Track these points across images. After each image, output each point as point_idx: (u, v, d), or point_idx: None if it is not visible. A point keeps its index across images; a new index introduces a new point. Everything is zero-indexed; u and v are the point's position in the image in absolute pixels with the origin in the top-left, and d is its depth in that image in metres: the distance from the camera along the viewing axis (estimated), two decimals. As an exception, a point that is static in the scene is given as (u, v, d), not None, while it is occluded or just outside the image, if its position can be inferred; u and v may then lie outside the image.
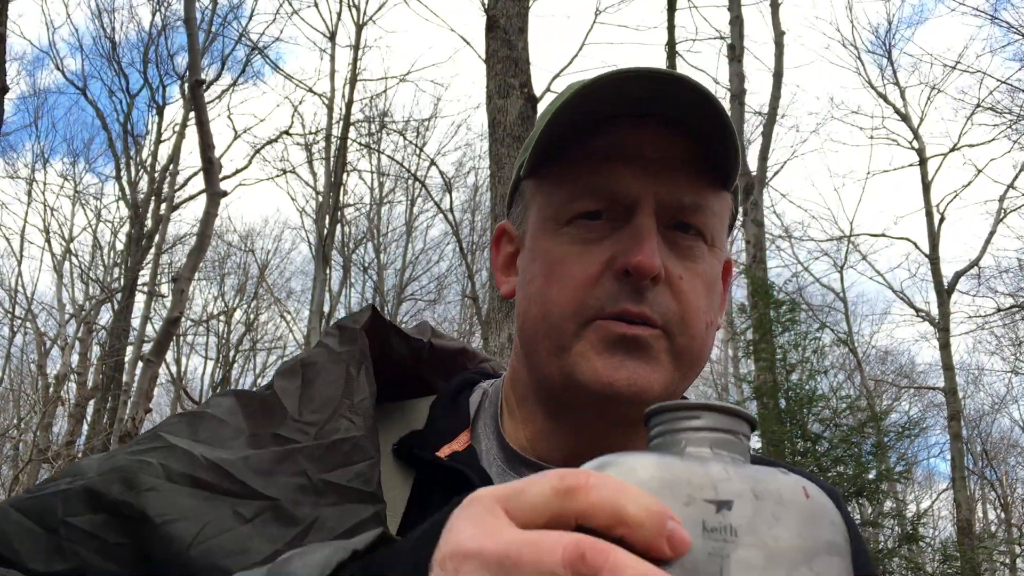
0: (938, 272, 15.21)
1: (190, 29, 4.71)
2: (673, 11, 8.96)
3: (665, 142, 0.72)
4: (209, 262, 19.40)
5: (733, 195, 0.79)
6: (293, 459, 0.68)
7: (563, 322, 0.72)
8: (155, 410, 18.88)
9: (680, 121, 0.71)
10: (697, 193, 0.73)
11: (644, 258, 0.69)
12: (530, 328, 0.75)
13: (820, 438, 8.28)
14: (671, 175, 0.72)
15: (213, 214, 4.52)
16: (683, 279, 0.72)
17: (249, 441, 0.69)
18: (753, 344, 8.74)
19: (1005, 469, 22.21)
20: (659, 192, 0.72)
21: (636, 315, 0.70)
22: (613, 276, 0.71)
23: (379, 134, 16.39)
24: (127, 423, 4.17)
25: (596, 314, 0.71)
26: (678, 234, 0.73)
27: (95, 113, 17.84)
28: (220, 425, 0.70)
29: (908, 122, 17.02)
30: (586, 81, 0.71)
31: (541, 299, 0.73)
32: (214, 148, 4.38)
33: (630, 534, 0.35)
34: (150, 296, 13.41)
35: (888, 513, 9.67)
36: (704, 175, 0.73)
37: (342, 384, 0.73)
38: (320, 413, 0.71)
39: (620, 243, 0.71)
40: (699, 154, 0.73)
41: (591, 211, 0.73)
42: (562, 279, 0.72)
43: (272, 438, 0.69)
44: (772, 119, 11.25)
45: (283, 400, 0.72)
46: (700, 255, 0.74)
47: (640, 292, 0.70)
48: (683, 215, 0.73)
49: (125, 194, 17.54)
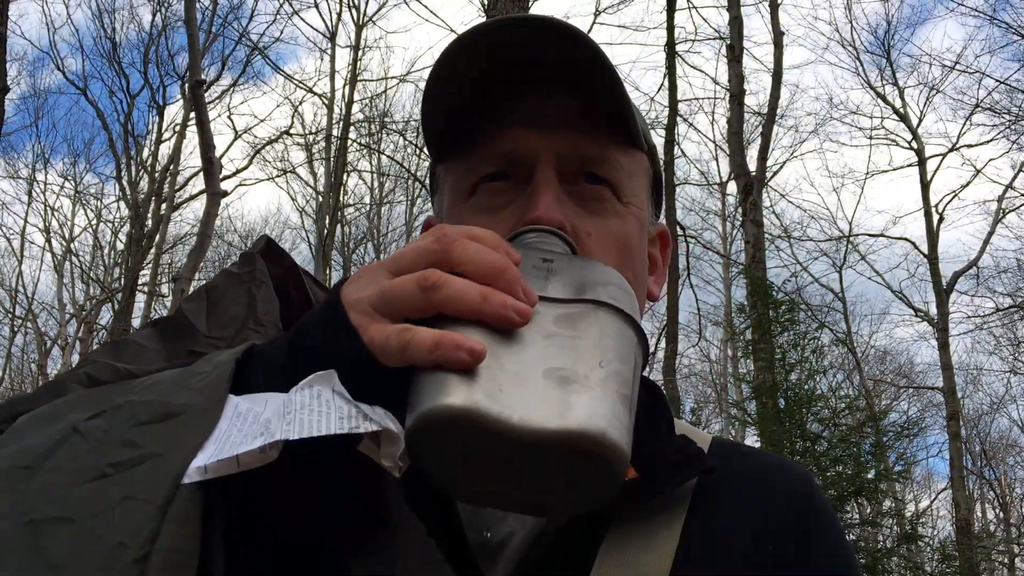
0: (937, 272, 15.24)
1: (190, 29, 4.73)
2: (672, 11, 8.99)
3: (563, 102, 0.72)
4: (209, 262, 19.39)
5: (650, 156, 0.78)
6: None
7: None
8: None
9: (575, 83, 0.70)
10: (599, 147, 0.72)
11: (542, 212, 0.67)
12: None
13: (819, 438, 8.29)
14: (570, 132, 0.71)
15: (213, 214, 4.54)
16: (591, 236, 0.71)
17: (165, 360, 0.70)
18: (752, 344, 8.75)
19: (1004, 469, 22.25)
20: (558, 147, 0.71)
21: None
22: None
23: (379, 134, 16.41)
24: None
25: None
26: (584, 186, 0.72)
27: (96, 113, 17.99)
28: (140, 349, 0.72)
29: (907, 122, 17.06)
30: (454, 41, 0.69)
31: None
32: (214, 148, 4.40)
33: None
34: (150, 296, 13.43)
35: (887, 513, 9.68)
36: (606, 132, 0.72)
37: (245, 301, 0.76)
38: (228, 328, 0.74)
39: (522, 202, 0.70)
40: (599, 113, 0.72)
41: (492, 172, 0.72)
42: None
43: (187, 355, 0.70)
44: (771, 119, 11.26)
45: (192, 320, 0.75)
46: (611, 210, 0.73)
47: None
48: (588, 166, 0.72)
49: (126, 194, 17.57)
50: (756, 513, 0.74)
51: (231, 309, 0.75)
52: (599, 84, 0.69)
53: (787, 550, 0.72)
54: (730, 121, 10.31)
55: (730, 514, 0.73)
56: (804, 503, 0.77)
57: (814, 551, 0.74)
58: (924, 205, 15.76)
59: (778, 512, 0.75)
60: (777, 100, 11.28)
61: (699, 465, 0.72)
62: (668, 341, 8.94)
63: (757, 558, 0.71)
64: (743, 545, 0.72)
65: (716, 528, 0.72)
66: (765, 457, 0.83)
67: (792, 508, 0.75)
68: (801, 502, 0.77)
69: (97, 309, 17.12)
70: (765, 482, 0.77)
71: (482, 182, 0.73)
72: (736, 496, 0.75)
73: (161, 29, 17.59)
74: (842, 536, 0.78)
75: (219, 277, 0.79)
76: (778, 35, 11.54)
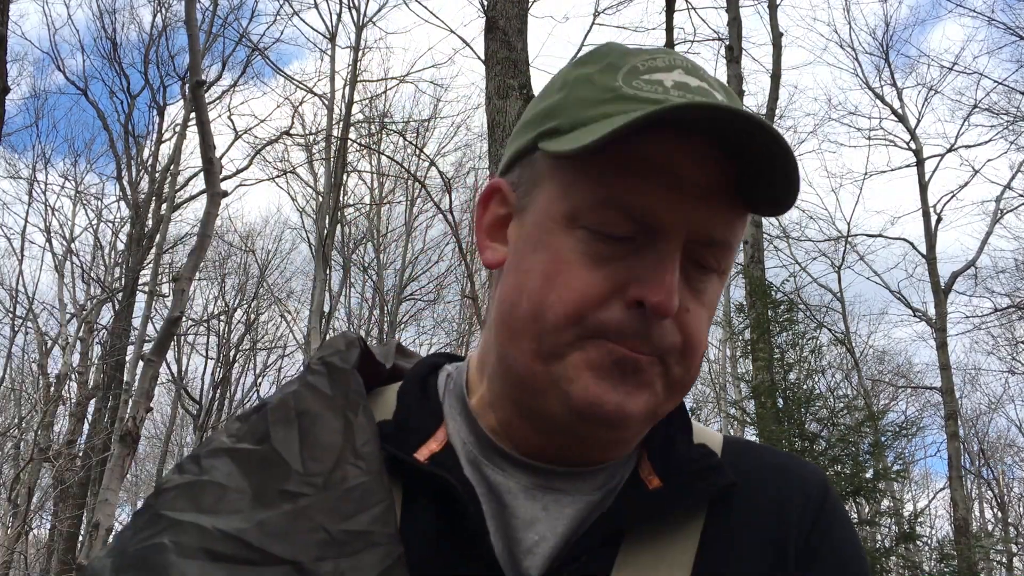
0: (935, 272, 15.24)
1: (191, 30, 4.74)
2: (671, 12, 9.00)
3: (711, 165, 0.65)
4: (210, 262, 19.44)
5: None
6: (307, 515, 0.64)
7: (556, 331, 0.66)
8: (156, 409, 18.89)
9: (728, 141, 0.65)
10: (728, 226, 0.68)
11: (664, 299, 0.64)
12: (515, 323, 0.69)
13: (818, 437, 8.30)
14: (708, 205, 0.66)
15: (213, 214, 4.55)
16: (690, 312, 0.68)
17: (256, 502, 0.65)
18: (751, 344, 8.77)
19: (1001, 468, 22.27)
20: (691, 223, 0.66)
21: (643, 350, 0.66)
22: (623, 303, 0.66)
23: (379, 135, 16.43)
24: (128, 422, 4.20)
25: (601, 333, 0.66)
26: (698, 270, 0.68)
27: (96, 113, 18.06)
28: (221, 490, 0.66)
29: (905, 123, 17.06)
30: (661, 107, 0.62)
31: (536, 298, 0.67)
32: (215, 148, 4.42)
33: None
34: (151, 296, 13.43)
35: (885, 512, 9.69)
36: (739, 201, 0.68)
37: (341, 430, 0.70)
38: (324, 463, 0.67)
39: (639, 269, 0.66)
40: (741, 178, 0.66)
41: (616, 235, 0.66)
42: (565, 286, 0.66)
43: (279, 495, 0.65)
44: (770, 120, 11.28)
45: (283, 454, 0.68)
46: (711, 287, 0.70)
47: (648, 326, 0.66)
48: (709, 252, 0.68)
49: (126, 194, 17.58)
50: (772, 522, 0.74)
51: (326, 438, 0.69)
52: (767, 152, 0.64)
53: (802, 559, 0.73)
54: (729, 122, 10.31)
55: (747, 524, 0.74)
56: (818, 507, 0.77)
57: (828, 560, 0.74)
58: (922, 205, 15.77)
59: (794, 521, 0.75)
60: (776, 101, 11.30)
61: (720, 479, 0.73)
62: (667, 341, 8.94)
63: (772, 567, 0.72)
64: (760, 556, 0.72)
65: (733, 539, 0.72)
66: (777, 458, 0.82)
67: (807, 516, 0.76)
68: (816, 506, 0.77)
69: (97, 309, 17.12)
70: (780, 489, 0.77)
71: (599, 232, 0.66)
72: (752, 504, 0.75)
73: (161, 29, 17.63)
74: (857, 542, 0.78)
75: (309, 396, 0.72)
76: (777, 36, 11.57)
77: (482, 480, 0.73)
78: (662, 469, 0.74)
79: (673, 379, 0.69)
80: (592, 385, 0.66)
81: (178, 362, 19.66)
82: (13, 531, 11.86)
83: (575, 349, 0.66)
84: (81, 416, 15.11)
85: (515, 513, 0.71)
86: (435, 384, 0.80)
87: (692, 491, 0.72)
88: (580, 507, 0.72)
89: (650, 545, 0.70)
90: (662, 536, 0.70)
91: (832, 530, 0.76)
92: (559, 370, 0.67)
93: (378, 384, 0.82)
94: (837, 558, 0.75)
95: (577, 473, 0.73)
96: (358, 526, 0.65)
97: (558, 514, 0.71)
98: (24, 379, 18.85)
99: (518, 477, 0.73)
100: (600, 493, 0.73)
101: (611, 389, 0.66)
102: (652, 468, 0.75)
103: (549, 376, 0.67)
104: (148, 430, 22.27)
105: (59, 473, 13.65)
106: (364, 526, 0.65)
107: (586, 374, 0.66)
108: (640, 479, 0.74)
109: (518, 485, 0.72)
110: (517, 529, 0.70)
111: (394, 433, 0.74)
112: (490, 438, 0.74)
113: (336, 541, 0.64)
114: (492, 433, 0.74)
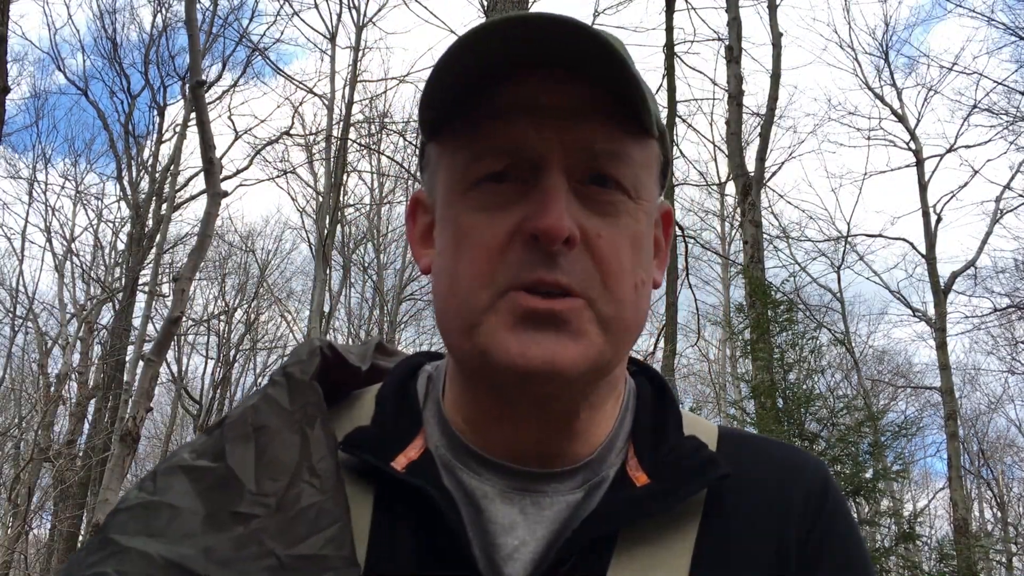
0: (935, 272, 15.25)
1: (191, 30, 4.75)
2: (671, 13, 9.01)
3: (569, 90, 0.66)
4: (210, 262, 19.44)
5: (660, 140, 0.72)
6: (256, 540, 0.62)
7: (472, 296, 0.65)
8: (156, 409, 18.90)
9: (581, 68, 0.65)
10: (611, 140, 0.66)
11: (551, 221, 0.63)
12: (441, 304, 0.69)
13: (817, 437, 8.31)
14: (579, 124, 0.66)
15: (214, 214, 4.56)
16: (602, 238, 0.66)
17: (207, 525, 0.63)
18: (751, 344, 8.77)
19: (1001, 468, 22.27)
20: (566, 143, 0.65)
21: (551, 284, 0.64)
22: (522, 243, 0.64)
23: (379, 135, 16.44)
24: (128, 422, 4.21)
25: (509, 285, 0.64)
26: (595, 189, 0.67)
27: (96, 113, 18.03)
28: (174, 512, 0.64)
29: (905, 123, 17.06)
30: (470, 32, 0.64)
31: (450, 272, 0.67)
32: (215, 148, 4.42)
33: None
34: (151, 296, 13.44)
35: (885, 512, 9.68)
36: (617, 121, 0.67)
37: (299, 446, 0.68)
38: (279, 482, 0.65)
39: (527, 206, 0.65)
40: (610, 100, 0.66)
41: (495, 171, 0.66)
42: (470, 249, 0.66)
43: (232, 516, 0.63)
44: (770, 120, 11.28)
45: (238, 472, 0.66)
46: (623, 210, 0.68)
47: (552, 258, 0.64)
48: (598, 166, 0.66)
49: (126, 194, 17.59)
50: (772, 519, 0.72)
51: (281, 455, 0.67)
52: (608, 69, 0.64)
53: (803, 556, 0.71)
54: (729, 122, 10.32)
55: (745, 521, 0.71)
56: (820, 503, 0.75)
57: (830, 556, 0.73)
58: (922, 205, 15.77)
59: (794, 517, 0.73)
60: (776, 101, 11.29)
61: (713, 472, 0.70)
62: (667, 341, 8.94)
63: (773, 567, 0.70)
64: (759, 554, 0.70)
65: (731, 537, 0.70)
66: (777, 450, 0.79)
67: (808, 512, 0.73)
68: (817, 503, 0.74)
69: (98, 309, 17.13)
70: (781, 484, 0.74)
71: (484, 180, 0.67)
72: (751, 500, 0.73)
73: (162, 30, 17.62)
74: (859, 537, 0.77)
75: (266, 410, 0.70)
76: (776, 36, 11.56)
77: (458, 486, 0.71)
78: (650, 464, 0.72)
79: (605, 318, 0.65)
80: (512, 345, 0.64)
81: (178, 362, 19.68)
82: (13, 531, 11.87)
83: (488, 313, 0.65)
84: (81, 416, 15.12)
85: (492, 518, 0.69)
86: (415, 387, 0.78)
87: (683, 487, 0.69)
88: (560, 508, 0.70)
89: (644, 547, 0.68)
90: (656, 536, 0.68)
91: (834, 527, 0.74)
92: (480, 340, 0.65)
93: (357, 386, 0.80)
94: (841, 556, 0.73)
95: (555, 473, 0.71)
96: (310, 550, 0.62)
97: (537, 517, 0.69)
98: (24, 379, 18.85)
99: (493, 481, 0.70)
100: (582, 492, 0.71)
101: (531, 343, 0.63)
102: (639, 464, 0.72)
103: (475, 349, 0.66)
104: (148, 430, 22.28)
105: (59, 473, 13.66)
106: (317, 549, 0.63)
107: (501, 334, 0.64)
108: (627, 476, 0.71)
109: (494, 489, 0.70)
110: (495, 535, 0.68)
111: (372, 440, 0.71)
112: (462, 440, 0.72)
113: (285, 567, 0.61)
114: (462, 434, 0.72)
